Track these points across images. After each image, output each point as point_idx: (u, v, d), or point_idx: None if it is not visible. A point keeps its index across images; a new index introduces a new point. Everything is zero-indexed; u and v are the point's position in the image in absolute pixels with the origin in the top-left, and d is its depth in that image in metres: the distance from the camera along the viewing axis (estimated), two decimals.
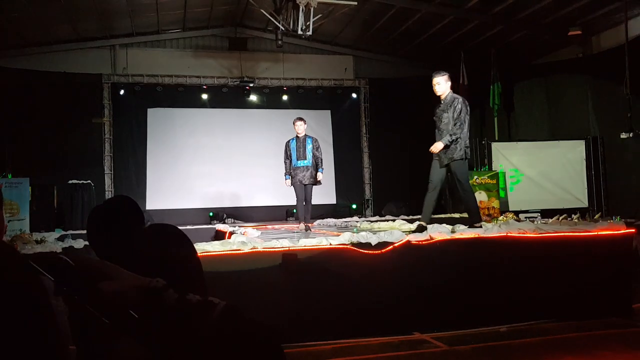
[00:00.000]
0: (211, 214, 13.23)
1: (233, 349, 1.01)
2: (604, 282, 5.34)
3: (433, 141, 6.40)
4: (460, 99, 6.20)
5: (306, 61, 14.54)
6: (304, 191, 8.46)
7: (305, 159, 8.40)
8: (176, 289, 1.06)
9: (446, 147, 6.11)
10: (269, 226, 10.44)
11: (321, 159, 8.56)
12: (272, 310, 4.52)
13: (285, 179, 8.53)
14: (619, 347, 4.37)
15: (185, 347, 0.99)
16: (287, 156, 8.55)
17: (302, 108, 14.61)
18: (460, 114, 6.10)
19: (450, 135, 6.07)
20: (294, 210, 13.60)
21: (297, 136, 8.53)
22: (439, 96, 6.32)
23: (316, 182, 8.45)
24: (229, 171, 13.88)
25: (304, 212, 8.58)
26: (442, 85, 6.26)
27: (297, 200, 8.60)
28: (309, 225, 8.55)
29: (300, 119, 8.62)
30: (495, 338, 4.67)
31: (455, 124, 6.08)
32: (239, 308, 1.05)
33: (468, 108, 6.20)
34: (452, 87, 6.46)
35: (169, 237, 1.44)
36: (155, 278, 1.08)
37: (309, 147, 8.47)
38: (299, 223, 8.65)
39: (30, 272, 0.92)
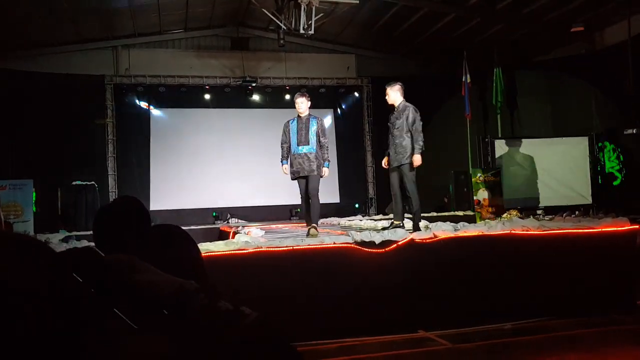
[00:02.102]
0: (214, 213, 13.25)
1: None
2: (608, 279, 5.33)
3: (434, 139, 6.61)
4: (412, 107, 6.63)
5: (308, 60, 14.54)
6: (305, 185, 6.80)
7: (308, 144, 6.78)
8: (207, 294, 1.05)
9: (395, 152, 6.60)
10: (273, 226, 10.45)
11: (327, 148, 6.88)
12: (277, 309, 4.53)
13: (282, 165, 6.98)
14: (623, 344, 4.37)
15: (209, 355, 0.99)
16: (286, 139, 7.00)
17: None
18: (415, 122, 6.48)
19: (419, 145, 6.46)
20: (298, 210, 13.61)
21: (298, 116, 6.98)
22: (392, 105, 6.84)
23: (312, 173, 6.72)
24: (232, 171, 13.89)
25: (306, 211, 6.97)
26: (391, 95, 6.86)
27: (301, 198, 7.05)
28: (313, 227, 6.47)
29: (303, 94, 7.10)
30: (499, 335, 4.67)
31: (415, 132, 6.48)
32: (270, 321, 1.05)
33: (419, 115, 6.63)
34: (455, 85, 6.73)
35: (173, 237, 1.44)
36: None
37: (313, 129, 6.86)
38: (306, 224, 7.10)
39: (64, 269, 0.93)
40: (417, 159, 6.46)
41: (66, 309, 0.85)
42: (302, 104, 6.96)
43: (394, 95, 6.84)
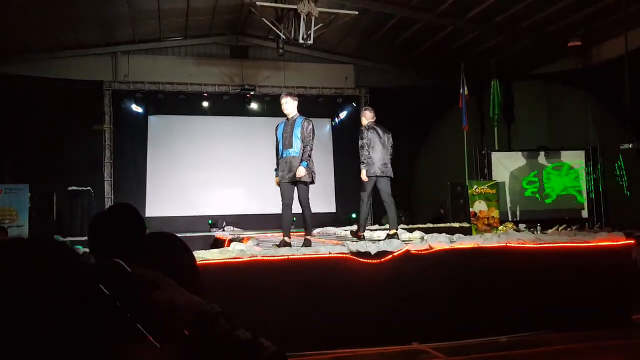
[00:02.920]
0: (210, 221, 13.22)
1: None
2: (603, 293, 5.33)
3: (431, 150, 6.52)
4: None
5: (307, 70, 14.58)
6: (291, 192, 6.23)
7: (292, 147, 6.26)
8: (228, 320, 1.04)
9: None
10: (269, 234, 10.42)
11: (310, 149, 6.23)
12: (271, 318, 4.51)
13: (275, 175, 6.49)
14: (618, 358, 4.36)
15: None
16: (276, 145, 6.58)
17: (303, 116, 14.65)
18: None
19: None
20: (294, 219, 13.60)
21: (287, 118, 6.49)
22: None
23: (295, 178, 6.12)
24: (229, 179, 13.89)
25: (286, 219, 6.36)
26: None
27: (282, 204, 6.32)
28: (286, 240, 6.05)
29: (287, 93, 6.63)
30: (494, 349, 4.66)
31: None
32: (286, 356, 1.03)
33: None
34: (453, 96, 6.64)
35: (169, 245, 1.43)
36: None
37: (297, 130, 6.30)
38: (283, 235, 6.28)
39: (92, 279, 0.93)
40: (363, 174, 6.63)
41: (88, 317, 0.86)
42: (287, 105, 6.45)
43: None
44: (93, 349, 0.84)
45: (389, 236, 6.65)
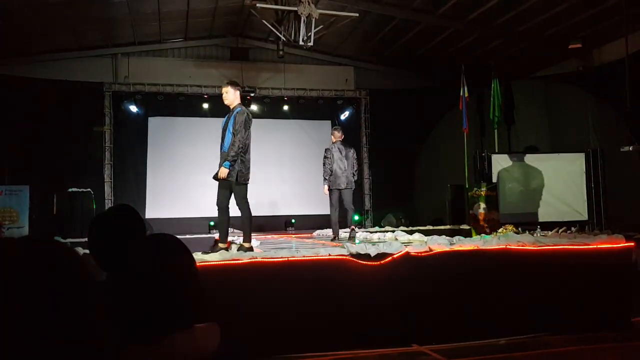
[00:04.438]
0: (212, 223, 13.21)
1: None
2: (603, 295, 5.33)
3: (431, 152, 6.46)
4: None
5: (307, 72, 14.60)
6: (223, 193, 5.86)
7: (223, 142, 5.90)
8: None
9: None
10: (269, 236, 10.43)
11: (238, 145, 5.70)
12: (270, 320, 4.52)
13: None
14: None
15: None
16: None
17: (303, 118, 14.69)
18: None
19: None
20: (293, 221, 13.60)
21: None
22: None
23: (217, 177, 5.81)
24: None
25: (222, 222, 6.05)
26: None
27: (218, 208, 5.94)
28: (221, 245, 5.84)
29: (228, 82, 6.12)
30: (494, 351, 4.65)
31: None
32: None
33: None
34: (453, 98, 6.56)
35: (169, 247, 1.44)
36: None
37: (231, 123, 5.84)
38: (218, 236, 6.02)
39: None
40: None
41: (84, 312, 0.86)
42: (227, 94, 6.03)
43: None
44: (90, 346, 0.84)
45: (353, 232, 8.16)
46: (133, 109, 13.58)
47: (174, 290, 1.28)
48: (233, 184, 5.81)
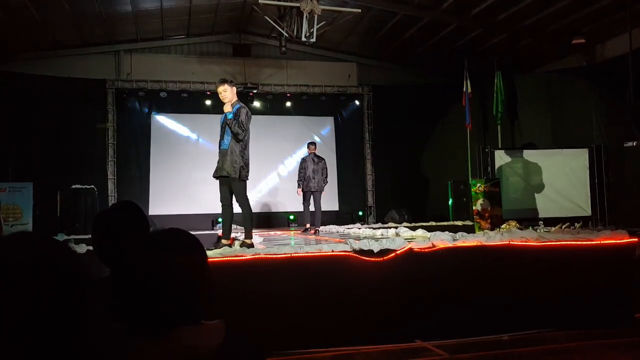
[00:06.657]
0: (221, 219, 13.24)
1: None
2: (607, 291, 5.32)
3: (434, 148, 6.44)
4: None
5: (310, 68, 14.58)
6: (226, 190, 5.90)
7: (223, 139, 5.88)
8: None
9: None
10: (272, 232, 10.44)
11: (241, 145, 5.77)
12: (274, 316, 4.52)
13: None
14: (621, 357, 4.36)
15: None
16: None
17: (306, 114, 14.69)
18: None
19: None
20: (291, 217, 13.60)
21: None
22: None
23: (217, 175, 5.96)
24: None
25: (226, 220, 6.07)
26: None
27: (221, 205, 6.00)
28: (224, 242, 5.90)
29: (222, 81, 5.99)
30: (497, 347, 4.65)
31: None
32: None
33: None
34: (456, 94, 6.52)
35: (181, 242, 1.41)
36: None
37: (229, 121, 5.80)
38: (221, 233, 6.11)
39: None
40: None
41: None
42: (226, 93, 5.92)
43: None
44: (86, 340, 0.85)
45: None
46: (136, 105, 13.60)
47: (182, 285, 1.28)
48: (232, 181, 5.80)
